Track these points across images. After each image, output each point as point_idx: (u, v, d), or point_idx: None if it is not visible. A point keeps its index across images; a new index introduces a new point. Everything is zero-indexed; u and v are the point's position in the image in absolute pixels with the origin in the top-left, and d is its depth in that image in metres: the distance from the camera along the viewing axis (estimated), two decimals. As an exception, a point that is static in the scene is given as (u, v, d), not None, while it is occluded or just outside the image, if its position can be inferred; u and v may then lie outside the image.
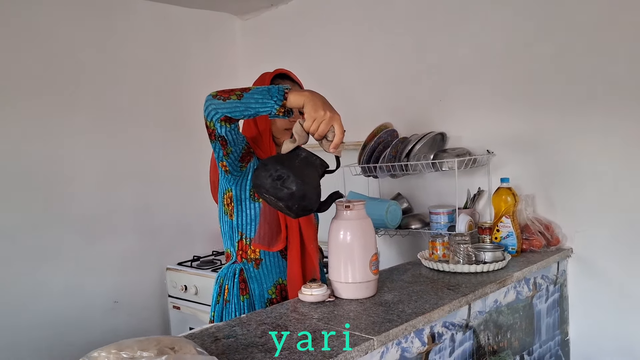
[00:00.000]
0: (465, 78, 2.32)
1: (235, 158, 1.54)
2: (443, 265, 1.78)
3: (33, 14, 2.53)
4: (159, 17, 3.00)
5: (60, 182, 2.60)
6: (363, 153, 2.36)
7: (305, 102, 1.37)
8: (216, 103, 1.40)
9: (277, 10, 3.13)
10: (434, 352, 1.44)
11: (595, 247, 1.99)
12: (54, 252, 2.57)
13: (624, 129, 1.90)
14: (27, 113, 2.51)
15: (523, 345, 1.82)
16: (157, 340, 1.02)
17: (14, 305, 2.44)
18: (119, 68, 2.83)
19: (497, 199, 1.97)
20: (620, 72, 1.89)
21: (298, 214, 1.43)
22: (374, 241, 1.54)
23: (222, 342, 1.23)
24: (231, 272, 1.64)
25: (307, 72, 2.92)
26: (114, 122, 2.80)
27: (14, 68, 2.47)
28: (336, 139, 1.39)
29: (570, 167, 2.03)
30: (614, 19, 1.89)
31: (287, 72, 1.76)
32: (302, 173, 1.40)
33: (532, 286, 1.86)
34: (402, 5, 2.53)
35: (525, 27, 2.12)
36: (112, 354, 0.96)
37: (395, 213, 2.30)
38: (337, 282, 1.52)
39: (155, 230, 2.94)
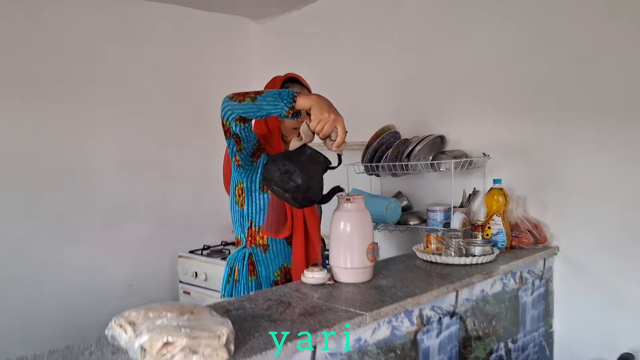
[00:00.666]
0: (466, 84, 2.47)
1: (247, 154, 1.71)
2: (436, 257, 1.93)
3: (61, 16, 2.73)
4: (179, 19, 3.19)
5: (85, 172, 2.81)
6: (366, 153, 2.53)
7: (312, 105, 1.53)
8: (232, 104, 1.57)
9: (290, 15, 3.30)
10: (422, 333, 1.60)
11: (581, 247, 2.14)
12: (76, 237, 2.77)
13: (612, 138, 2.04)
14: (55, 108, 2.72)
15: (508, 333, 1.97)
16: (180, 305, 1.19)
17: (38, 283, 2.64)
18: (140, 68, 3.02)
19: (490, 198, 2.12)
20: (612, 85, 2.03)
21: (302, 204, 1.59)
22: (371, 232, 1.69)
23: (232, 313, 1.39)
24: (241, 256, 1.81)
25: (317, 75, 3.10)
26: (134, 118, 3.00)
27: (45, 68, 2.69)
28: (339, 138, 1.55)
29: (560, 172, 2.18)
30: (608, 34, 2.03)
31: (296, 76, 1.92)
32: (307, 168, 1.56)
33: (518, 279, 2.00)
34: (409, 14, 2.68)
35: (523, 38, 2.27)
36: (142, 314, 1.12)
37: (394, 210, 2.45)
38: (336, 267, 1.68)
39: (169, 220, 3.13)
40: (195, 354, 1.04)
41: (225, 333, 1.08)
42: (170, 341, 1.02)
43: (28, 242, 2.62)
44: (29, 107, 2.63)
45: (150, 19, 3.06)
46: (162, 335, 1.02)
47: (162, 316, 1.09)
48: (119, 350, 1.12)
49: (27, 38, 2.63)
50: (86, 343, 1.17)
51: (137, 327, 1.06)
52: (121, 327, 1.09)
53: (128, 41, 2.97)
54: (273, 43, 3.48)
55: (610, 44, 2.03)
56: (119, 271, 2.91)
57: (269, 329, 1.26)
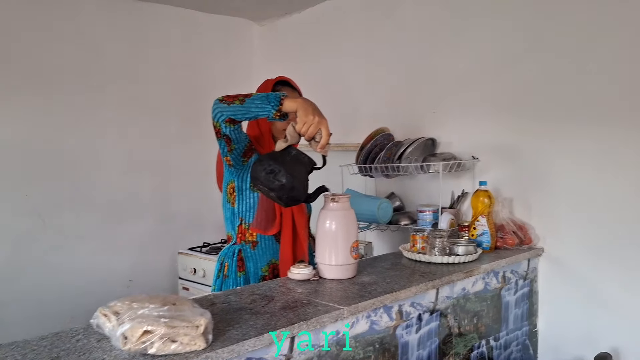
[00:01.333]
0: (458, 89, 2.53)
1: (238, 154, 1.78)
2: (420, 255, 2.00)
3: (71, 17, 2.83)
4: (184, 21, 3.28)
5: (87, 168, 2.91)
6: (360, 154, 2.59)
7: (298, 108, 1.60)
8: (221, 107, 1.65)
9: (291, 18, 3.37)
10: (402, 328, 1.66)
11: (565, 248, 2.19)
12: (78, 232, 2.87)
13: (595, 144, 2.08)
14: (61, 105, 2.82)
15: (489, 331, 2.03)
16: (163, 297, 1.26)
17: (41, 276, 2.74)
18: (144, 67, 3.11)
19: (475, 200, 2.18)
20: (596, 93, 2.08)
21: (287, 203, 1.67)
22: (355, 230, 1.76)
23: (217, 306, 1.47)
24: (231, 252, 1.88)
25: (316, 77, 3.19)
26: (138, 116, 3.09)
27: (52, 65, 2.78)
28: (323, 140, 1.62)
29: (546, 174, 2.23)
30: (594, 43, 2.08)
31: (287, 80, 2.00)
32: (292, 168, 1.63)
33: (501, 279, 2.06)
34: (406, 20, 2.75)
35: (511, 44, 2.32)
36: (126, 304, 1.20)
37: (386, 210, 2.52)
38: (321, 263, 1.75)
39: (170, 217, 3.22)
40: (174, 342, 1.12)
41: (203, 323, 1.15)
42: (150, 330, 1.10)
43: (29, 238, 2.71)
44: (31, 103, 2.72)
45: (155, 20, 3.16)
46: (142, 324, 1.10)
47: (144, 307, 1.16)
48: (104, 338, 1.19)
49: (36, 36, 2.73)
50: (73, 330, 1.25)
51: (120, 317, 1.14)
52: (106, 316, 1.17)
53: (133, 42, 3.06)
54: (274, 45, 3.56)
55: (593, 50, 2.08)
56: (119, 267, 3.00)
57: (249, 321, 1.33)
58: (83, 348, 1.16)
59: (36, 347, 1.16)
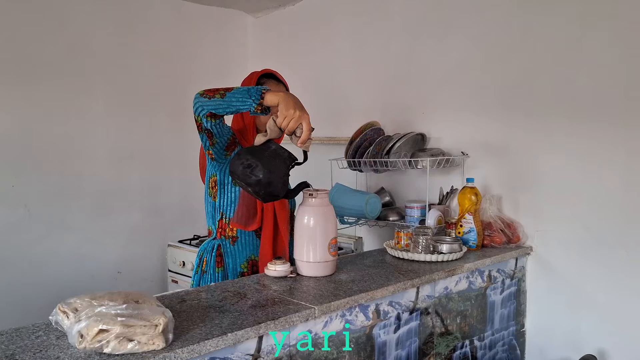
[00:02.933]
0: (448, 84, 2.48)
1: (220, 147, 1.75)
2: (404, 253, 1.96)
3: (59, 4, 2.78)
4: (175, 11, 3.23)
5: (75, 158, 2.88)
6: (349, 148, 2.55)
7: (280, 101, 1.56)
8: (202, 101, 1.61)
9: (284, 10, 3.33)
10: (379, 327, 1.63)
11: (553, 247, 2.15)
12: (65, 222, 2.84)
13: (581, 142, 2.05)
14: (47, 94, 2.78)
15: (473, 331, 1.99)
16: (125, 294, 1.24)
17: (27, 267, 2.72)
18: (135, 57, 3.07)
19: (462, 197, 2.14)
20: (585, 90, 2.03)
21: (265, 198, 1.63)
22: (334, 227, 1.72)
23: (187, 303, 1.44)
24: (210, 247, 1.86)
25: (308, 69, 3.15)
26: (126, 106, 3.05)
27: (38, 54, 2.74)
28: (303, 135, 1.57)
29: (534, 173, 2.18)
30: (582, 38, 2.04)
31: (273, 72, 1.95)
32: (269, 163, 1.59)
33: (486, 278, 2.02)
34: (396, 14, 2.70)
35: (499, 41, 2.27)
36: (85, 301, 1.17)
37: (374, 205, 2.47)
38: (299, 260, 1.72)
39: (160, 209, 3.19)
40: (130, 341, 1.09)
41: (162, 322, 1.12)
42: (106, 328, 1.07)
43: (15, 229, 2.69)
44: (17, 93, 2.69)
45: (147, 9, 3.12)
46: (98, 322, 1.07)
47: (103, 304, 1.14)
48: (63, 335, 1.17)
49: (20, 24, 2.69)
50: (35, 326, 1.23)
51: (77, 314, 1.11)
52: (64, 313, 1.14)
53: (122, 31, 3.03)
54: (268, 37, 3.52)
55: (581, 46, 2.03)
56: (107, 258, 2.98)
57: (215, 320, 1.30)
58: (41, 345, 1.13)
59: (-7, 344, 1.13)
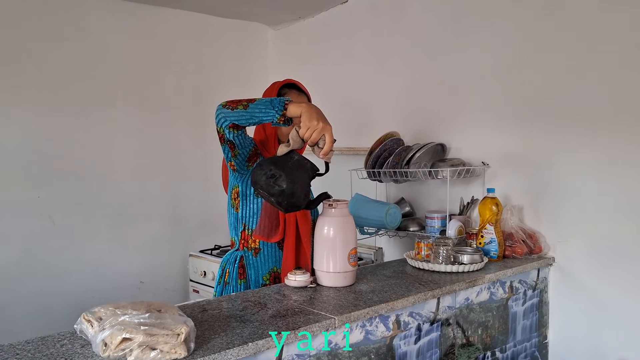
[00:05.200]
0: (468, 95, 2.48)
1: (242, 159, 1.76)
2: (424, 264, 1.95)
3: (84, 20, 2.87)
4: (197, 25, 3.29)
5: (98, 170, 2.94)
6: (369, 158, 2.56)
7: (302, 112, 1.57)
8: (225, 112, 1.62)
9: (304, 22, 3.37)
10: (399, 338, 1.62)
11: (576, 258, 2.12)
12: (88, 232, 2.90)
13: (602, 151, 2.02)
14: (72, 107, 2.85)
15: (495, 342, 1.97)
16: (148, 303, 1.26)
17: (51, 276, 2.78)
18: (157, 70, 3.14)
19: (483, 207, 2.12)
20: (601, 99, 2.02)
21: (287, 209, 1.64)
22: (354, 237, 1.73)
23: (208, 312, 1.46)
24: (233, 258, 1.87)
25: (328, 80, 3.18)
26: (149, 118, 3.12)
27: (63, 69, 2.82)
28: (326, 146, 1.58)
29: (555, 183, 2.16)
30: (597, 48, 2.03)
31: (295, 82, 1.96)
32: (292, 174, 1.61)
33: (508, 289, 2.00)
34: (415, 26, 2.71)
35: (521, 49, 2.26)
36: (109, 310, 1.20)
37: (394, 216, 2.47)
38: (319, 270, 1.72)
39: (181, 219, 3.23)
40: (153, 350, 1.11)
41: (184, 331, 1.14)
42: (129, 337, 1.09)
43: (40, 239, 2.76)
44: (43, 106, 2.77)
45: (171, 24, 3.19)
46: (122, 331, 1.09)
47: (126, 313, 1.16)
48: (88, 344, 1.19)
49: (49, 39, 2.77)
50: (60, 335, 1.25)
51: (101, 323, 1.13)
52: (89, 321, 1.17)
53: (145, 46, 3.09)
54: (288, 49, 3.56)
55: (601, 57, 2.02)
56: (130, 268, 3.03)
57: (236, 329, 1.31)
58: (65, 354, 1.16)
59: (20, 352, 1.16)
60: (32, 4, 2.71)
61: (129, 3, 3.00)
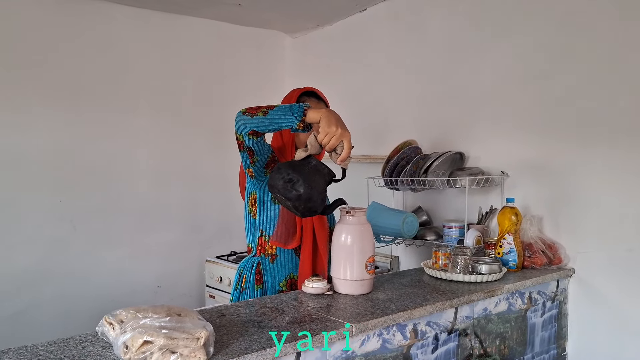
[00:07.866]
0: (487, 103, 2.47)
1: (260, 166, 1.77)
2: (442, 273, 1.95)
3: (107, 29, 2.92)
4: (216, 33, 3.33)
5: (118, 176, 2.99)
6: (386, 167, 2.56)
7: (322, 118, 1.58)
8: (245, 119, 1.64)
9: (322, 30, 3.39)
10: (416, 347, 1.62)
11: (596, 270, 2.09)
12: (108, 238, 2.94)
13: (623, 162, 2.00)
14: (92, 114, 2.91)
15: (513, 353, 1.95)
16: (168, 307, 1.27)
17: (72, 280, 2.82)
18: (176, 78, 3.18)
19: (502, 217, 2.11)
20: (622, 109, 2.00)
21: (304, 214, 1.64)
22: (371, 245, 1.73)
23: (226, 317, 1.46)
24: (250, 264, 1.88)
25: (345, 88, 3.19)
26: (168, 125, 3.16)
27: (86, 77, 2.88)
28: (344, 153, 1.59)
29: (576, 193, 2.14)
30: (619, 58, 2.01)
31: (314, 90, 1.98)
32: (310, 179, 1.61)
33: (526, 300, 1.99)
34: (433, 34, 2.72)
35: (541, 58, 2.25)
36: (130, 313, 1.21)
37: (411, 224, 2.46)
38: (336, 278, 1.72)
39: (198, 226, 3.26)
40: (173, 353, 1.12)
41: (203, 335, 1.14)
42: (150, 340, 1.10)
43: (61, 243, 2.80)
44: (66, 113, 2.82)
45: (188, 31, 3.23)
46: (143, 334, 1.10)
47: (147, 316, 1.17)
48: (109, 346, 1.21)
49: (72, 49, 2.83)
50: (82, 337, 1.27)
51: (123, 325, 1.15)
52: (110, 324, 1.18)
53: (165, 54, 3.14)
54: (306, 56, 3.58)
55: (621, 68, 2.00)
56: (147, 273, 3.06)
57: (254, 335, 1.32)
58: (87, 355, 1.17)
59: (42, 353, 1.18)
60: (56, 14, 2.77)
61: (150, 11, 3.04)
